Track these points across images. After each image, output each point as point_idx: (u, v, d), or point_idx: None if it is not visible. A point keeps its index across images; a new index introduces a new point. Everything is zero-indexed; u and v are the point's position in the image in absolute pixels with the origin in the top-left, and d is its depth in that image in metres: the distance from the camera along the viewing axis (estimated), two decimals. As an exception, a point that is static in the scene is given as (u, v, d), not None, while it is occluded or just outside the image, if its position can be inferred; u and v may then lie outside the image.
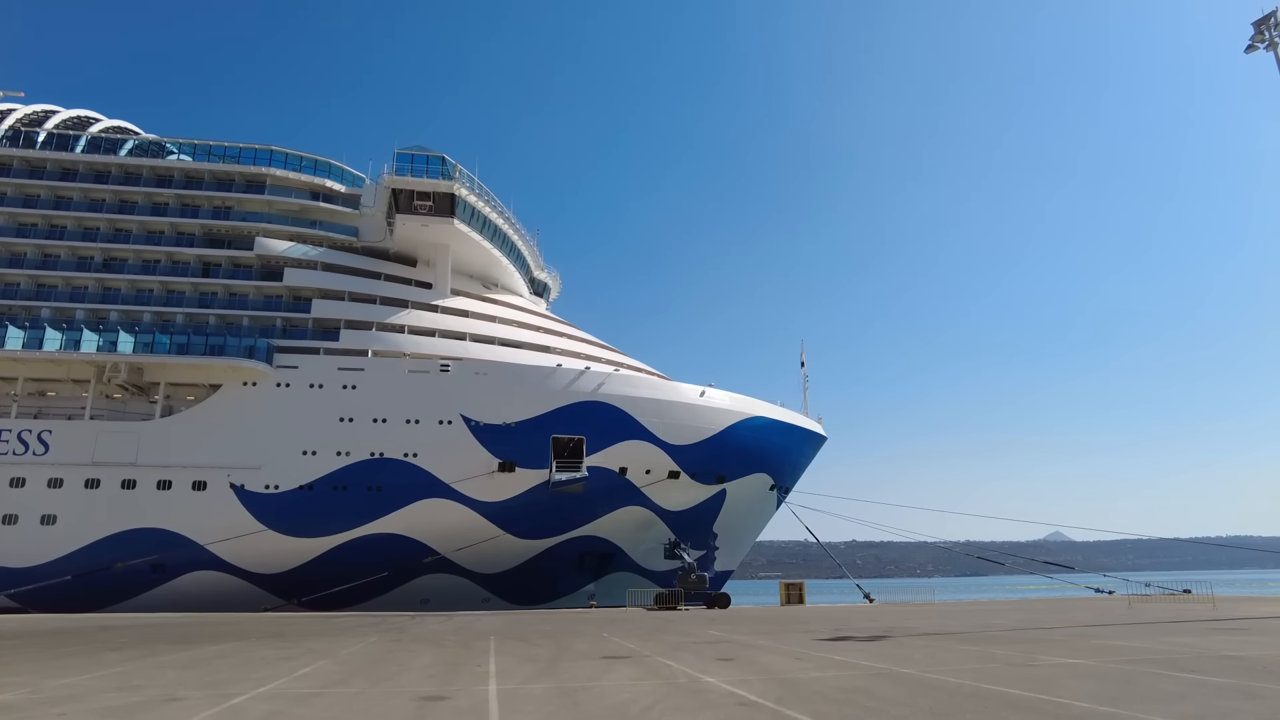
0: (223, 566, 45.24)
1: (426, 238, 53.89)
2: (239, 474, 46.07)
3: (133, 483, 45.69)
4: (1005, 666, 13.74)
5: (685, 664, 14.72)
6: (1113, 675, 12.39)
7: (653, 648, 18.08)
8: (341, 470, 46.71)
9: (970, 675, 12.58)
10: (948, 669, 13.43)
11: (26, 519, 44.62)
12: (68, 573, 43.82)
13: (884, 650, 16.98)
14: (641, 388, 52.40)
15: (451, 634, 23.77)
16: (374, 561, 45.87)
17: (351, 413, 47.65)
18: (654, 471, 50.97)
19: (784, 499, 60.20)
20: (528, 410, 48.86)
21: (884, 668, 13.74)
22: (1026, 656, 15.24)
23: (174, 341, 47.97)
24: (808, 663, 14.81)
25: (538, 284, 67.27)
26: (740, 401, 55.53)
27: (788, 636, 21.23)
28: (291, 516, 45.74)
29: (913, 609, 40.05)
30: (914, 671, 13.15)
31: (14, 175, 52.48)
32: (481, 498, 47.57)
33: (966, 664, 14.18)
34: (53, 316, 49.25)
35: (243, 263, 52.53)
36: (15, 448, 45.57)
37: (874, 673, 13.11)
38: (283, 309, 51.42)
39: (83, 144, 54.22)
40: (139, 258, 52.17)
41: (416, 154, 51.99)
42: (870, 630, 23.30)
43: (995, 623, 25.92)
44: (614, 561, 52.71)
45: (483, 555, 48.10)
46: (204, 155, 55.31)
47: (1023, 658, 15.06)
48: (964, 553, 76.43)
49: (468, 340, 52.52)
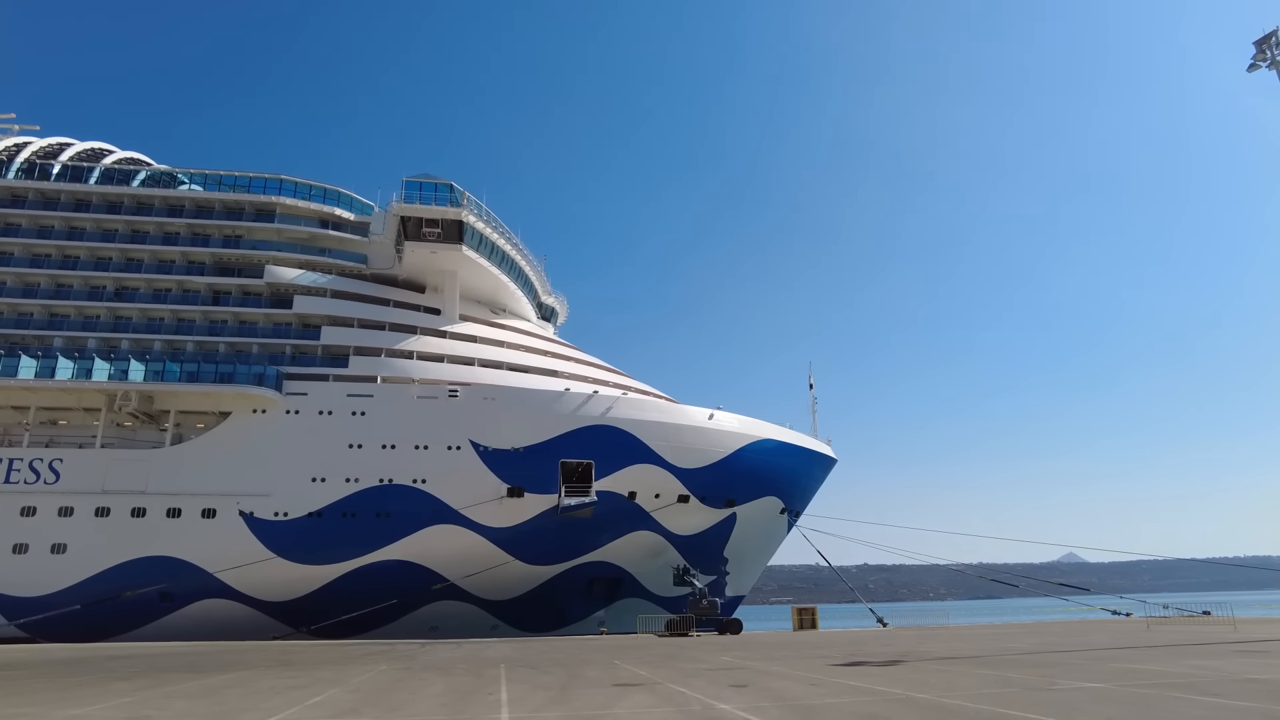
0: (232, 594, 45.08)
1: (435, 264, 54.25)
2: (248, 501, 46.06)
3: (143, 511, 45.72)
4: (1023, 691, 13.54)
5: (698, 691, 14.55)
6: (1133, 699, 12.19)
7: (665, 675, 17.89)
8: (350, 497, 46.67)
9: (988, 700, 12.39)
10: (965, 693, 13.24)
11: (37, 548, 44.66)
12: (77, 602, 43.74)
13: (899, 675, 16.76)
14: (649, 411, 52.32)
15: (461, 662, 23.58)
16: (383, 589, 45.65)
17: (361, 439, 47.68)
18: (663, 495, 50.75)
19: (795, 522, 59.85)
20: (536, 435, 48.81)
21: (900, 693, 13.56)
22: (1045, 680, 15.02)
23: (184, 369, 48.21)
24: (822, 689, 14.63)
25: (545, 308, 67.52)
26: (749, 424, 55.37)
27: (801, 662, 20.99)
28: (300, 544, 45.64)
29: (926, 633, 39.60)
30: (930, 696, 12.97)
31: (29, 207, 53.18)
32: (490, 523, 47.41)
33: (983, 688, 13.98)
34: (65, 345, 49.64)
35: (253, 290, 52.93)
36: (26, 476, 45.72)
37: (890, 698, 12.94)
38: (292, 336, 51.71)
39: (96, 175, 54.95)
40: (150, 286, 52.64)
41: (425, 182, 52.50)
42: (884, 655, 23.01)
43: (1011, 646, 25.57)
44: (623, 587, 52.34)
45: (492, 582, 47.82)
46: (214, 185, 55.96)
47: (1041, 681, 14.84)
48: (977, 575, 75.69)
49: (476, 365, 52.64)
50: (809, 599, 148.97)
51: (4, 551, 44.38)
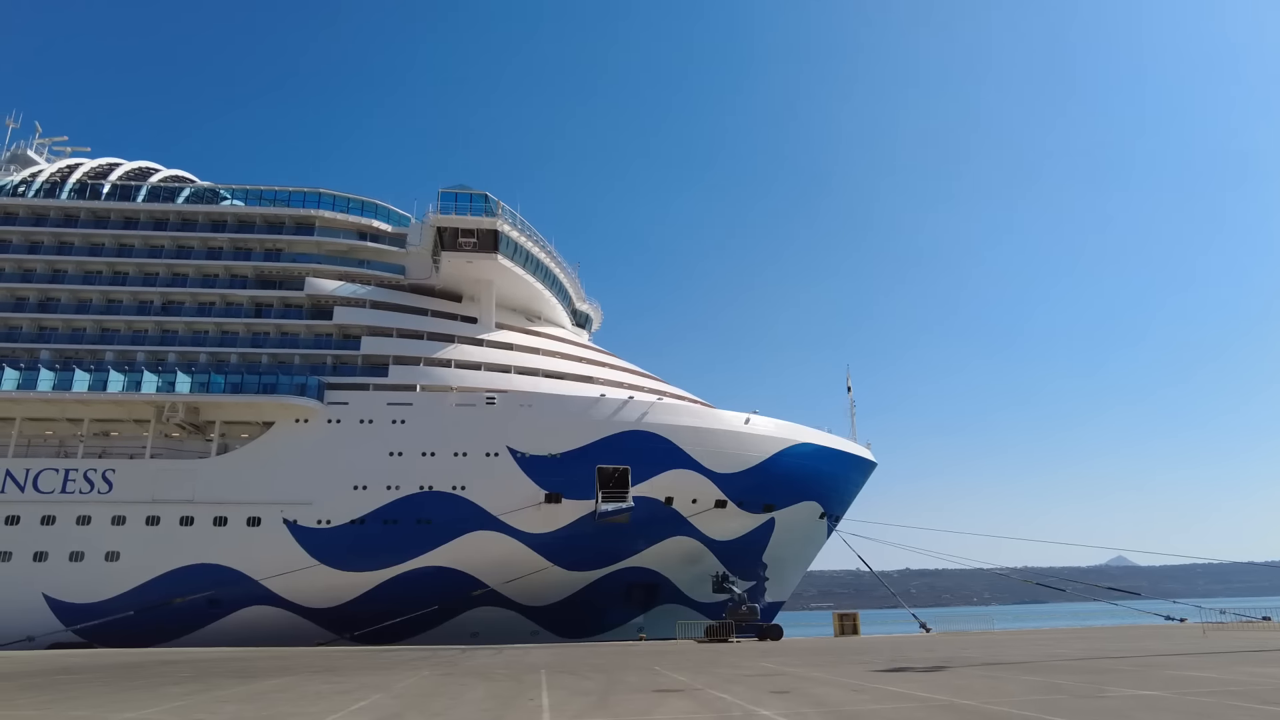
0: (276, 601, 45.93)
1: (471, 274, 54.83)
2: (292, 510, 46.92)
3: (190, 519, 46.82)
4: (1072, 698, 13.24)
5: (739, 697, 14.47)
6: (1189, 708, 11.84)
7: (705, 680, 17.82)
8: (391, 504, 47.29)
9: (1035, 707, 12.14)
10: (1011, 700, 12.99)
11: (92, 555, 45.98)
12: (130, 608, 44.93)
13: (943, 681, 16.49)
14: (685, 416, 52.23)
15: (502, 667, 23.73)
16: (424, 595, 46.15)
17: (401, 447, 48.32)
18: (700, 501, 50.60)
19: (834, 527, 59.26)
20: (572, 441, 49.01)
21: (944, 699, 13.34)
22: (1094, 687, 14.66)
23: (228, 381, 49.33)
24: (865, 695, 14.45)
25: (579, 315, 67.82)
26: (786, 428, 54.99)
27: (843, 668, 20.76)
28: (343, 551, 46.35)
29: (970, 638, 38.92)
30: (975, 703, 12.74)
31: (81, 226, 54.88)
32: (529, 529, 47.69)
33: (1030, 695, 13.70)
34: (115, 359, 51.09)
35: (294, 303, 53.98)
36: (81, 486, 47.11)
37: (934, 705, 12.74)
38: (333, 347, 52.62)
39: (143, 193, 56.52)
40: (195, 300, 53.97)
41: (460, 193, 53.11)
42: (928, 660, 22.66)
43: (1058, 652, 25.02)
44: (661, 593, 52.25)
45: (531, 588, 48.08)
46: (255, 199, 57.22)
47: (1090, 689, 14.50)
48: (1021, 579, 74.21)
49: (512, 373, 53.07)
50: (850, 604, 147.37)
51: (61, 559, 45.76)
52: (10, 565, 45.45)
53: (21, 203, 54.59)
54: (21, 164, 60.28)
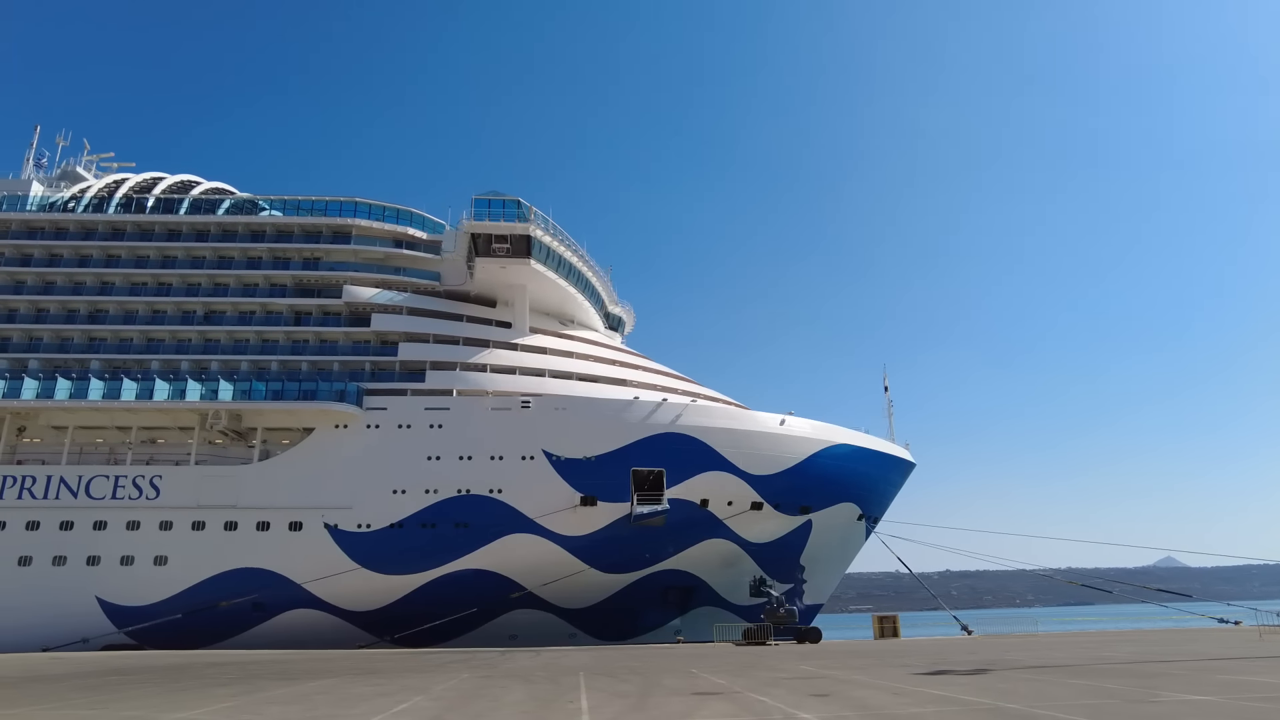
0: (318, 605, 46.65)
1: (505, 279, 55.29)
2: (332, 514, 47.64)
3: (234, 524, 47.77)
4: (1122, 703, 12.93)
5: (778, 700, 14.37)
6: (1245, 714, 11.50)
7: (744, 683, 17.73)
8: (430, 508, 47.81)
9: (1083, 712, 11.88)
10: (1058, 705, 12.72)
11: (141, 560, 47.14)
12: (178, 611, 45.98)
13: (986, 684, 16.22)
14: (719, 418, 52.07)
15: (541, 670, 23.84)
16: (463, 598, 46.56)
17: (438, 451, 48.84)
18: (736, 503, 50.39)
19: (873, 529, 58.64)
20: (607, 444, 49.13)
21: (988, 703, 13.11)
22: (1145, 692, 14.31)
23: (269, 388, 50.27)
24: (906, 698, 14.26)
25: (612, 318, 67.99)
26: (822, 429, 54.55)
27: (884, 671, 20.52)
28: (383, 554, 46.95)
29: (1014, 641, 38.25)
30: (1021, 707, 12.51)
31: (127, 239, 56.36)
32: (565, 532, 47.89)
33: (1078, 699, 13.41)
34: (161, 369, 52.35)
35: (332, 310, 54.86)
36: (130, 493, 48.33)
37: (977, 708, 12.53)
38: (371, 353, 53.37)
39: (185, 206, 57.86)
40: (236, 309, 55.09)
41: (493, 199, 53.59)
42: (970, 663, 22.31)
43: (1106, 655, 24.47)
44: (698, 596, 52.11)
45: (568, 590, 48.27)
46: (293, 210, 58.28)
47: (1141, 693, 14.15)
48: (1066, 580, 72.65)
49: (546, 376, 53.35)
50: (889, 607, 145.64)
51: (113, 563, 46.99)
52: (65, 569, 46.78)
53: (71, 218, 56.24)
54: (71, 180, 62.05)
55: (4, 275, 54.64)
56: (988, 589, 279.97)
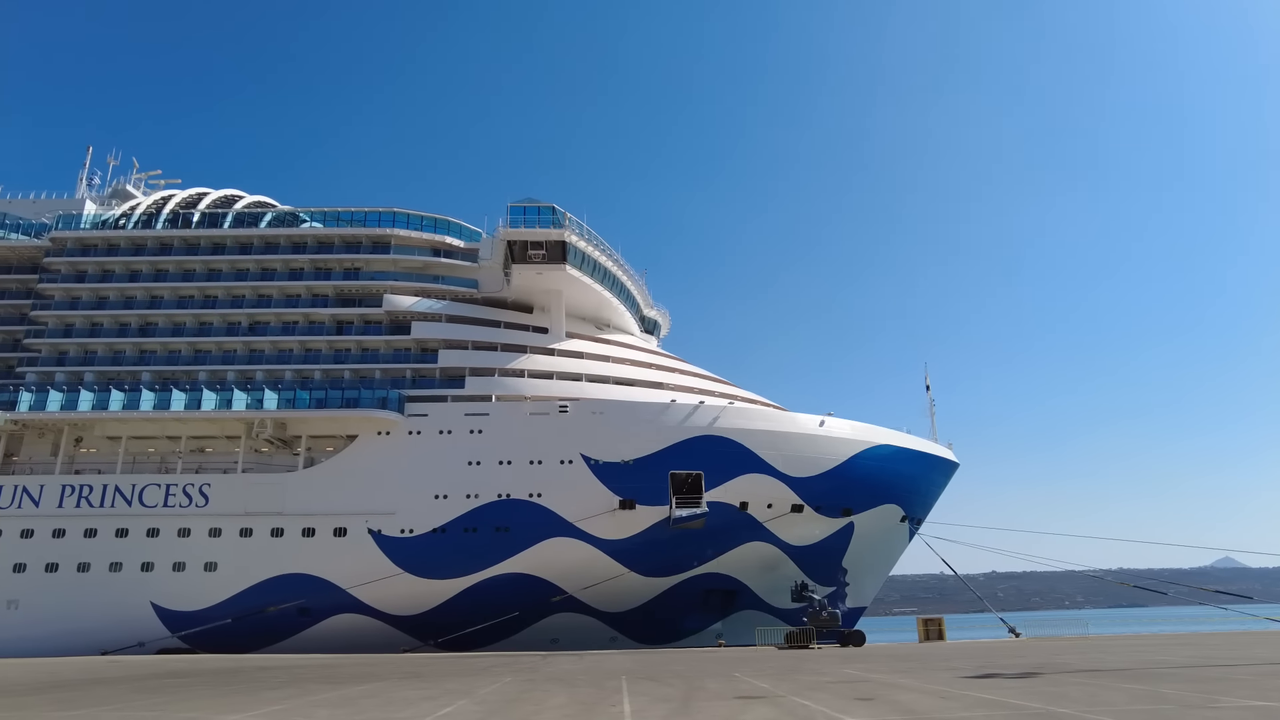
0: (363, 609, 47.35)
1: (541, 285, 55.68)
2: (376, 519, 48.34)
3: (280, 530, 48.71)
4: (1180, 709, 12.55)
5: (823, 704, 14.22)
6: (1309, 717, 11.10)
7: (787, 687, 17.58)
8: (471, 512, 48.27)
9: (1139, 717, 11.57)
10: (1112, 710, 12.40)
11: (192, 566, 48.33)
12: (228, 616, 47.01)
13: (1036, 688, 15.87)
14: (757, 420, 51.81)
15: (583, 674, 23.90)
16: (504, 602, 46.91)
17: (479, 456, 49.33)
18: (776, 505, 50.05)
19: (916, 530, 57.83)
20: (645, 447, 49.15)
21: (1038, 707, 12.83)
22: (1205, 698, 13.87)
23: (313, 397, 51.25)
24: (953, 702, 14.02)
25: (648, 322, 68.05)
26: (863, 430, 53.97)
27: (929, 674, 20.19)
28: (425, 559, 47.50)
29: (1064, 644, 37.39)
30: (1073, 711, 12.21)
31: (174, 253, 57.89)
32: (604, 536, 48.01)
33: (1133, 705, 13.06)
34: (208, 379, 53.64)
35: (373, 319, 55.73)
36: (181, 501, 49.59)
37: (1028, 713, 12.27)
38: (411, 360, 54.09)
39: (229, 220, 59.23)
40: (279, 320, 56.23)
41: (528, 206, 54.04)
42: (1019, 667, 21.86)
43: (1162, 659, 23.79)
44: (739, 599, 51.85)
45: (609, 594, 48.35)
46: (333, 221, 59.35)
47: (1200, 699, 13.71)
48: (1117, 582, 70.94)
49: (584, 381, 53.57)
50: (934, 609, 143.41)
51: (166, 569, 48.24)
52: (121, 575, 48.14)
53: (122, 234, 57.93)
54: (121, 198, 63.92)
55: (60, 291, 56.44)
56: (1035, 590, 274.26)
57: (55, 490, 49.93)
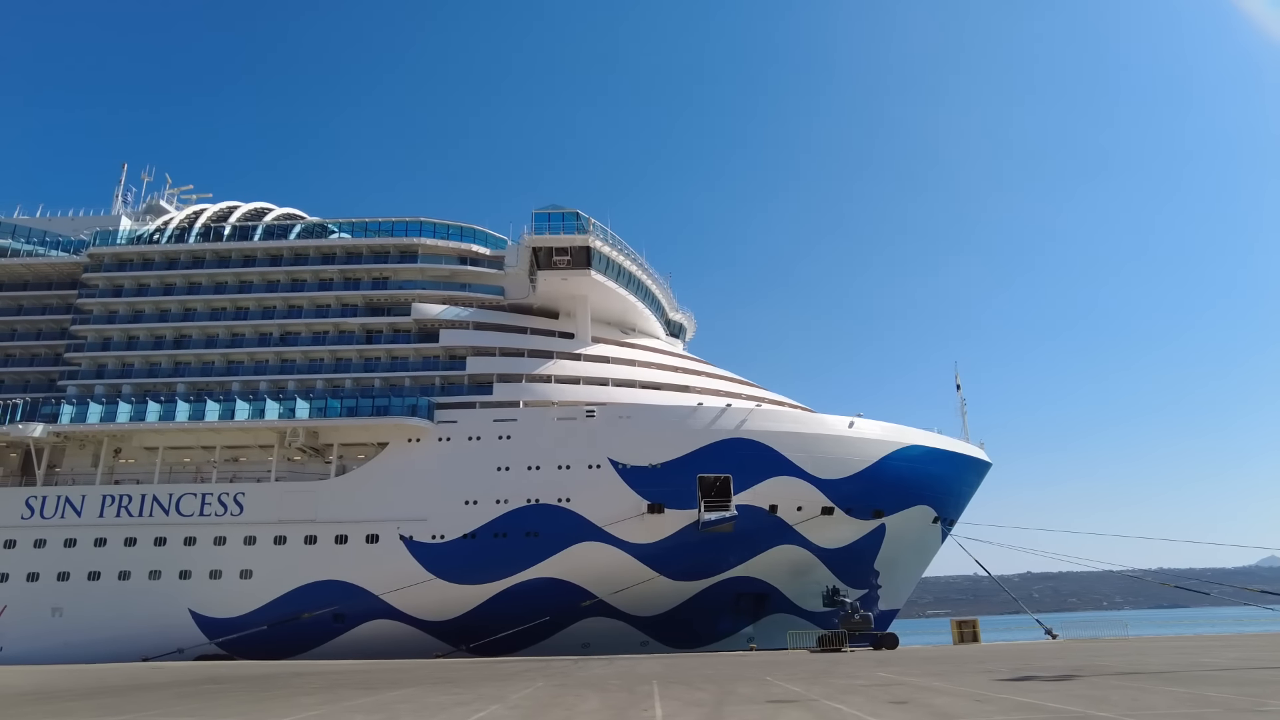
0: (396, 615, 47.77)
1: (566, 290, 55.91)
2: (408, 526, 48.78)
3: (314, 538, 49.33)
4: (1226, 712, 12.28)
5: (856, 707, 14.11)
6: (1360, 720, 10.81)
7: (820, 691, 17.46)
8: (501, 518, 48.55)
9: (1182, 720, 11.34)
10: (1154, 713, 12.17)
11: (228, 573, 49.10)
12: (263, 623, 47.69)
13: (1075, 691, 15.61)
14: (785, 422, 51.58)
15: (614, 678, 23.93)
16: (535, 607, 47.08)
17: (508, 462, 49.62)
18: (806, 508, 49.75)
19: (949, 531, 57.18)
20: (672, 451, 49.12)
21: (1077, 711, 12.62)
22: (1252, 701, 13.56)
23: (344, 405, 51.88)
24: (989, 705, 13.84)
25: (673, 325, 68.06)
26: (893, 431, 53.51)
27: (964, 677, 19.95)
28: (457, 565, 47.84)
29: (1103, 645, 36.76)
30: (1113, 715, 12.00)
31: (207, 266, 58.97)
32: (633, 540, 48.02)
33: (1176, 708, 12.80)
34: (241, 389, 54.52)
35: (402, 328, 56.31)
36: (216, 509, 50.42)
37: (1066, 717, 12.07)
38: (440, 368, 54.57)
39: (259, 233, 60.21)
40: (310, 330, 57.03)
41: (552, 212, 54.32)
42: (1056, 669, 21.52)
43: (1205, 661, 23.28)
44: (770, 603, 51.59)
45: (639, 598, 48.35)
46: (361, 231, 60.09)
47: (1247, 702, 13.40)
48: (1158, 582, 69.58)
49: (610, 385, 53.69)
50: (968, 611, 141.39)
51: (203, 577, 49.07)
52: (160, 583, 49.05)
53: (156, 249, 59.12)
54: (155, 213, 65.22)
55: (98, 306, 57.73)
56: (1071, 591, 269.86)
57: (96, 500, 51.04)
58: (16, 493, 52.09)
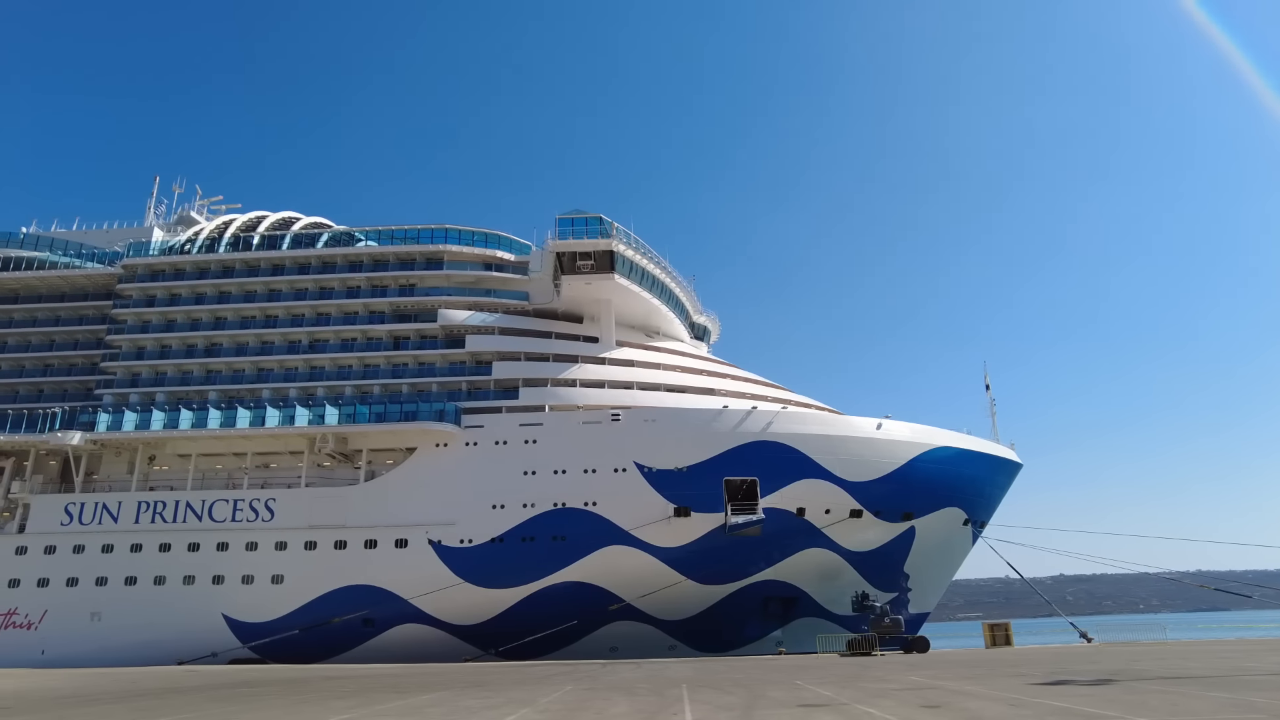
0: (425, 619, 48.10)
1: (590, 294, 56.04)
2: (436, 530, 49.12)
3: (344, 543, 49.84)
4: (1271, 717, 11.98)
5: (888, 711, 13.95)
6: None
7: (851, 695, 17.30)
8: (528, 522, 48.73)
9: (1225, 725, 11.07)
10: (1195, 719, 11.90)
11: (260, 578, 49.76)
12: (295, 627, 48.24)
13: (1112, 696, 15.32)
14: (812, 424, 51.27)
15: (643, 682, 23.89)
16: (563, 610, 47.17)
17: (534, 466, 49.80)
18: (834, 511, 49.39)
19: (979, 534, 56.45)
20: (698, 454, 49.01)
21: (1115, 715, 12.37)
22: (1294, 704, 13.22)
23: (373, 411, 52.41)
24: (1024, 709, 13.62)
25: (697, 328, 67.95)
26: (922, 432, 52.99)
27: (998, 681, 19.66)
28: (485, 569, 48.07)
29: (1140, 649, 36.08)
30: (1154, 721, 11.75)
31: (237, 275, 59.87)
32: (660, 543, 47.95)
33: (1219, 713, 12.50)
34: (271, 396, 55.26)
35: (428, 334, 56.78)
36: (248, 515, 51.13)
37: (1105, 722, 11.84)
38: (466, 373, 54.94)
39: (287, 241, 61.02)
40: (338, 337, 57.71)
41: (576, 217, 54.52)
42: (1092, 673, 21.15)
43: (1248, 665, 22.75)
44: (799, 607, 51.25)
45: (666, 602, 48.26)
46: (388, 239, 60.67)
47: (1290, 705, 13.07)
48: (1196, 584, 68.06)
49: (635, 389, 53.71)
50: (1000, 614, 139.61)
51: (235, 582, 49.77)
52: (194, 588, 49.83)
53: (187, 259, 60.16)
54: (186, 224, 66.34)
55: (132, 316, 58.83)
56: (1106, 594, 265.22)
57: (132, 506, 52.00)
58: (56, 499, 53.24)
